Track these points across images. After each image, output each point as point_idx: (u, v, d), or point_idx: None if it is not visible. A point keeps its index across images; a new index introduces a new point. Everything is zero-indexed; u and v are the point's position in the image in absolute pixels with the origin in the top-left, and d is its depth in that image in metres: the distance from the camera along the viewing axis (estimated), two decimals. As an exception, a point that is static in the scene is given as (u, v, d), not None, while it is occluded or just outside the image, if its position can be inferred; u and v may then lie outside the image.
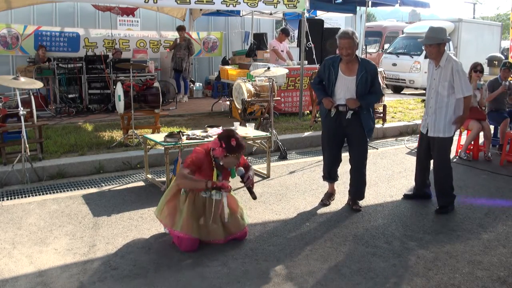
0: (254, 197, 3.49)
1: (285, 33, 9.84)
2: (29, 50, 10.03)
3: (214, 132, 5.12)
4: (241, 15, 12.98)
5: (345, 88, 4.17)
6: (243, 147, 3.40)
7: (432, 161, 4.56)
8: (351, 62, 4.16)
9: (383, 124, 7.90)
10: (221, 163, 3.43)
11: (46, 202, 4.48)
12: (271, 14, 12.59)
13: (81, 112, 9.00)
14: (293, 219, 4.13)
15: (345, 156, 4.47)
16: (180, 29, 10.38)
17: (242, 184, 3.53)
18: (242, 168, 3.52)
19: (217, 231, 3.48)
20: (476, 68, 6.32)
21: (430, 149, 4.50)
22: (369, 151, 4.73)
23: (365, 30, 11.84)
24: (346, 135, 4.32)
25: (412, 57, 13.44)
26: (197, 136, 4.95)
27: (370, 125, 4.26)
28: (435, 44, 4.23)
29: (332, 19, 12.97)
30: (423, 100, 11.00)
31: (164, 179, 5.05)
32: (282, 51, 9.63)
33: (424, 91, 13.06)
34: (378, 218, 4.16)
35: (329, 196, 4.59)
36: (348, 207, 4.44)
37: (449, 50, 14.09)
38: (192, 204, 3.44)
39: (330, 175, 4.54)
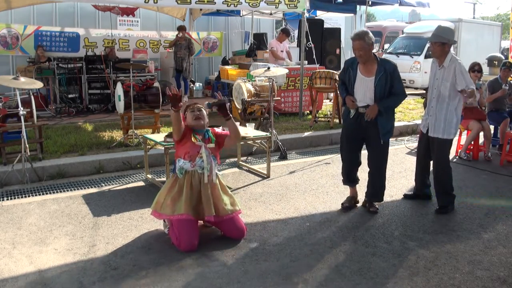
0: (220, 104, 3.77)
1: (285, 33, 9.84)
2: (29, 50, 10.03)
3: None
4: (241, 15, 12.98)
5: (364, 88, 4.10)
6: (190, 104, 3.79)
7: (432, 162, 4.56)
8: (369, 62, 4.07)
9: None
10: (195, 128, 3.69)
11: (46, 202, 4.48)
12: (271, 14, 12.60)
13: (81, 112, 9.00)
14: (293, 219, 4.13)
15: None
16: (181, 29, 10.36)
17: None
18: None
19: (208, 209, 3.56)
20: (474, 68, 6.31)
21: (429, 149, 4.50)
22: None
23: (365, 30, 11.83)
24: (365, 137, 4.23)
25: (412, 57, 13.44)
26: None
27: (386, 127, 4.12)
28: (439, 42, 4.24)
29: (332, 19, 12.97)
30: (423, 97, 10.98)
31: (164, 179, 5.05)
32: (282, 51, 9.63)
33: (423, 91, 13.11)
34: (378, 218, 4.16)
35: (350, 199, 4.44)
36: (362, 208, 4.40)
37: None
38: (190, 189, 3.55)
39: (349, 177, 4.40)
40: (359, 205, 4.47)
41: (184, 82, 10.71)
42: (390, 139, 4.29)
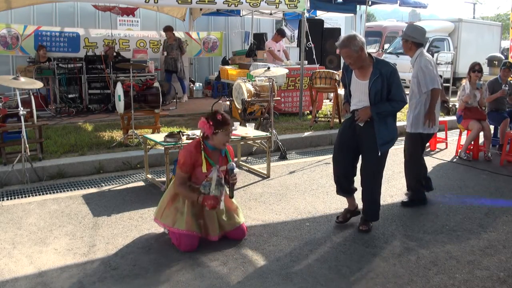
0: (231, 196, 3.57)
1: (280, 34, 9.85)
2: (29, 50, 10.02)
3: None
4: (241, 15, 12.99)
5: (360, 92, 3.75)
6: (228, 121, 3.44)
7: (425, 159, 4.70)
8: (364, 66, 3.69)
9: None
10: (212, 145, 3.47)
11: (46, 202, 4.48)
12: (271, 14, 12.61)
13: (81, 112, 9.00)
14: (293, 219, 4.13)
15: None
16: (168, 29, 10.26)
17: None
18: (233, 163, 3.55)
19: (212, 227, 3.52)
20: (474, 68, 6.32)
21: None
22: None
23: (365, 30, 11.84)
24: (359, 145, 3.81)
25: (412, 57, 13.44)
26: (197, 136, 4.94)
27: (385, 137, 3.69)
28: (404, 39, 4.48)
29: (332, 19, 12.98)
30: None
31: (164, 179, 5.05)
32: (278, 50, 9.64)
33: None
34: (378, 218, 4.16)
35: (345, 214, 4.01)
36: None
37: (449, 50, 14.09)
38: (192, 204, 3.48)
39: (342, 187, 3.95)
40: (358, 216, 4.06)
41: (181, 82, 10.65)
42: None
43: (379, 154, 3.71)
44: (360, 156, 3.89)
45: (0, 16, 10.01)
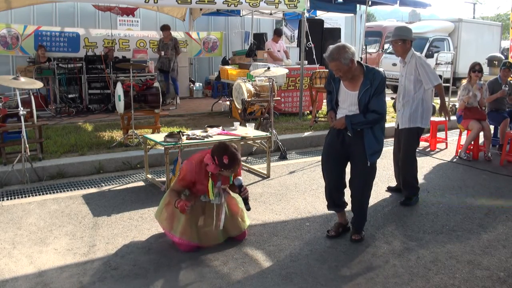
0: (248, 208, 3.51)
1: (276, 34, 9.92)
2: (29, 50, 10.03)
3: (214, 132, 5.12)
4: (241, 15, 12.99)
5: (348, 102, 3.53)
6: (236, 163, 3.27)
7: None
8: (354, 76, 3.46)
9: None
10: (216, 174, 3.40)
11: (46, 202, 4.48)
12: (271, 14, 12.61)
13: (81, 112, 9.01)
14: (293, 219, 4.13)
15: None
16: (165, 28, 10.13)
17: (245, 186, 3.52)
18: (240, 178, 3.46)
19: (216, 235, 3.48)
20: (475, 68, 6.32)
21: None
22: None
23: (365, 30, 11.84)
24: (349, 154, 3.62)
25: (412, 57, 13.41)
26: (197, 136, 4.94)
27: (373, 147, 3.49)
28: (400, 40, 4.42)
29: (332, 19, 12.98)
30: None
31: (164, 179, 5.05)
32: (278, 50, 9.65)
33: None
34: (378, 218, 4.16)
35: (338, 227, 3.79)
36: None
37: (449, 50, 14.09)
38: (191, 209, 3.40)
39: (334, 201, 3.76)
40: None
41: (174, 82, 10.50)
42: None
43: (368, 164, 3.52)
44: (350, 168, 3.69)
45: (0, 16, 10.02)
